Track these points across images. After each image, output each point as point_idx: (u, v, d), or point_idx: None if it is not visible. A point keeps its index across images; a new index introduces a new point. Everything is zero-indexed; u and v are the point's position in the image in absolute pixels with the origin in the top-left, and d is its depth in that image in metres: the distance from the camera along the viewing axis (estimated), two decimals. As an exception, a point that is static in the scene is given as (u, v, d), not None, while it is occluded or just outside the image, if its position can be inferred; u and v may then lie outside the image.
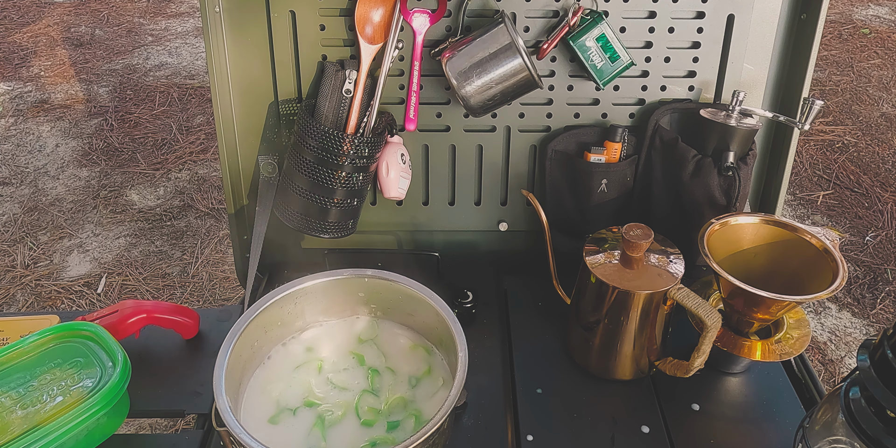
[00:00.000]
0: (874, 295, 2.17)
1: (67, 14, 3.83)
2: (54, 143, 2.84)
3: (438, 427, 0.73)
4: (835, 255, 0.85)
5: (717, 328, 0.81)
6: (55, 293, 2.18)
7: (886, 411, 0.65)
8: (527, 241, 1.15)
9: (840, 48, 3.45)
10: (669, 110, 1.03)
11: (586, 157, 1.04)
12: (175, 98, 3.12)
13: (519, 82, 0.95)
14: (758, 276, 0.88)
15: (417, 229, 1.15)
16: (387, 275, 0.90)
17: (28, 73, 3.31)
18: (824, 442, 0.73)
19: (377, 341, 0.94)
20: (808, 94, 1.02)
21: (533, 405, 0.90)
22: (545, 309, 1.05)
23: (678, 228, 1.00)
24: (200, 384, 0.92)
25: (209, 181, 2.65)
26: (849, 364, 1.97)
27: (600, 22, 0.97)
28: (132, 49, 3.51)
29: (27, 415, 0.78)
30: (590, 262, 0.87)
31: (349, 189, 1.00)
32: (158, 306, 0.97)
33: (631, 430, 0.87)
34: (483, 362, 0.95)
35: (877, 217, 2.46)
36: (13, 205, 2.53)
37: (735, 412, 0.90)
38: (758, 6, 1.01)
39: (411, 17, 0.99)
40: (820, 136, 2.87)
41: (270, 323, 0.89)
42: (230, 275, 2.23)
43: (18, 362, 0.84)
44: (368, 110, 1.00)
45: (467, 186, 1.12)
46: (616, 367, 0.92)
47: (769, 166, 1.10)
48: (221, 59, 1.01)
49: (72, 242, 2.37)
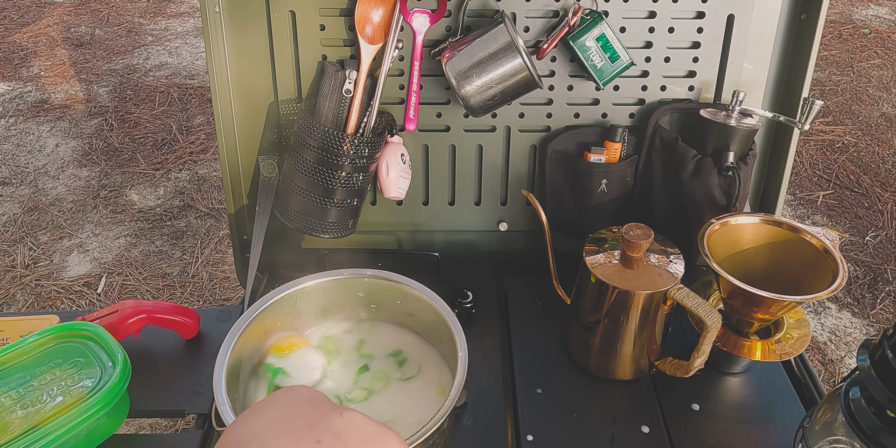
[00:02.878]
0: (874, 295, 2.17)
1: (67, 14, 3.83)
2: (54, 143, 2.84)
3: (438, 427, 0.73)
4: (835, 255, 0.85)
5: (717, 328, 0.81)
6: (55, 293, 2.18)
7: (886, 411, 0.65)
8: (527, 241, 1.15)
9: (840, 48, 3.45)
10: (669, 110, 1.03)
11: (586, 157, 1.04)
12: (175, 98, 3.12)
13: (519, 82, 0.95)
14: (758, 276, 0.88)
15: (417, 229, 1.15)
16: (387, 275, 0.90)
17: (28, 73, 3.31)
18: (824, 442, 0.73)
19: (377, 341, 0.94)
20: (808, 94, 1.02)
21: (533, 405, 0.90)
22: (545, 309, 1.05)
23: (678, 228, 1.01)
24: (200, 384, 0.92)
25: (209, 181, 2.65)
26: (849, 364, 1.97)
27: (600, 22, 0.97)
28: (132, 49, 3.51)
29: (27, 415, 0.78)
30: (590, 262, 0.87)
31: (349, 189, 1.01)
32: (158, 306, 0.97)
33: (631, 430, 0.87)
34: (483, 362, 0.95)
35: (877, 217, 2.46)
36: (13, 205, 2.53)
37: (735, 412, 0.90)
38: (758, 6, 1.01)
39: (411, 17, 0.99)
40: (820, 136, 2.87)
41: (270, 323, 0.89)
42: (230, 275, 2.23)
43: (18, 362, 0.84)
44: (368, 110, 1.00)
45: (467, 186, 1.12)
46: (616, 367, 0.92)
47: (769, 166, 1.10)
48: (221, 59, 1.01)
49: (72, 242, 2.37)
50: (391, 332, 0.95)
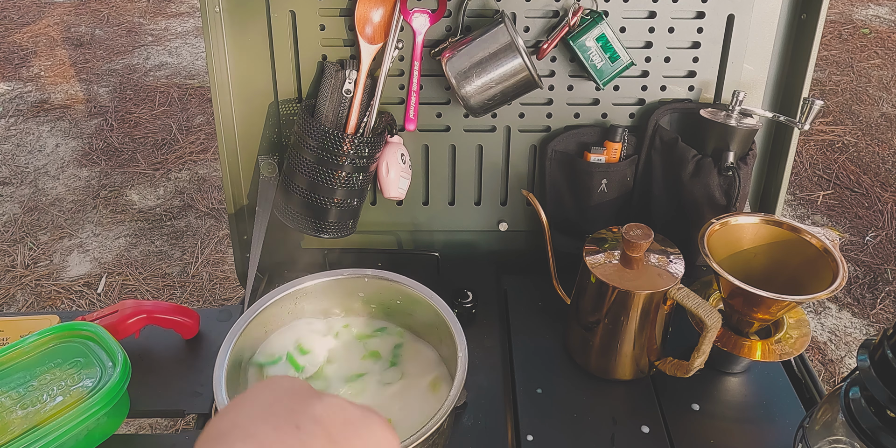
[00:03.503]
0: (874, 295, 2.17)
1: (67, 14, 3.83)
2: (54, 143, 2.84)
3: (438, 427, 0.73)
4: (835, 255, 0.85)
5: (717, 328, 0.81)
6: (55, 293, 2.18)
7: (886, 411, 0.65)
8: (527, 241, 1.15)
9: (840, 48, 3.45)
10: (669, 110, 1.03)
11: (586, 157, 1.04)
12: (175, 98, 3.12)
13: (519, 82, 0.95)
14: (758, 276, 0.88)
15: (417, 229, 1.15)
16: (387, 275, 0.90)
17: (28, 73, 3.31)
18: (824, 442, 0.73)
19: (377, 341, 0.94)
20: (808, 94, 1.02)
21: (533, 405, 0.90)
22: (545, 309, 1.05)
23: (678, 228, 1.00)
24: (200, 384, 0.92)
25: (209, 181, 2.65)
26: (849, 364, 1.97)
27: (600, 22, 0.97)
28: (132, 49, 3.51)
29: (27, 415, 0.78)
30: (590, 262, 0.87)
31: (349, 189, 1.01)
32: (158, 306, 0.97)
33: (631, 430, 0.87)
34: (483, 362, 0.95)
35: (877, 217, 2.46)
36: (13, 205, 2.53)
37: (735, 412, 0.90)
38: (758, 6, 1.01)
39: (411, 17, 0.99)
40: (820, 136, 2.87)
41: (270, 323, 0.89)
42: (230, 275, 2.23)
43: (18, 362, 0.84)
44: (368, 110, 1.00)
45: (467, 186, 1.12)
46: (616, 367, 0.92)
47: (769, 166, 1.10)
48: (221, 59, 1.01)
49: (72, 242, 2.37)
50: (391, 332, 0.95)
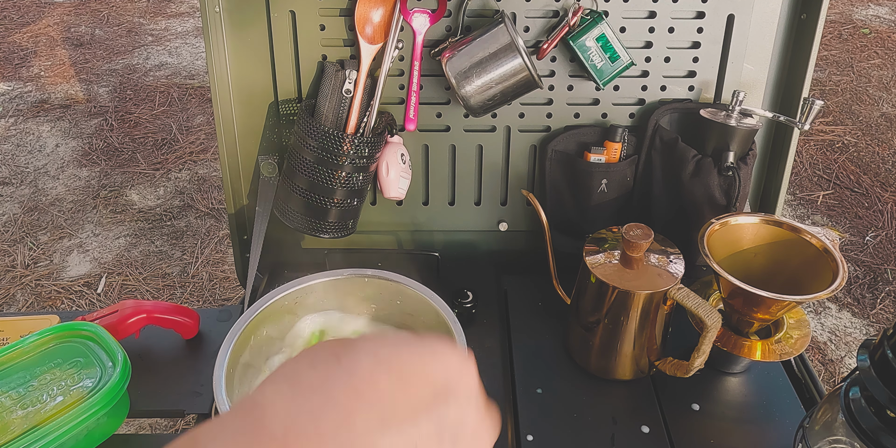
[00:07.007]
0: (874, 295, 2.17)
1: (67, 14, 3.83)
2: (54, 143, 2.84)
3: (438, 427, 0.73)
4: (835, 255, 0.85)
5: (717, 328, 0.81)
6: (55, 293, 2.18)
7: (886, 411, 0.65)
8: (527, 241, 1.15)
9: (840, 48, 3.45)
10: (669, 110, 1.03)
11: (586, 157, 1.04)
12: (175, 98, 3.12)
13: (519, 82, 0.95)
14: (758, 276, 0.88)
15: (417, 229, 1.15)
16: (387, 275, 0.90)
17: (28, 73, 3.31)
18: (824, 442, 0.73)
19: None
20: (808, 94, 1.02)
21: (533, 405, 0.90)
22: (545, 309, 1.05)
23: (678, 228, 1.00)
24: (200, 384, 0.92)
25: (209, 181, 2.65)
26: (849, 364, 1.97)
27: (600, 22, 0.97)
28: (132, 49, 3.51)
29: (27, 415, 0.78)
30: (590, 262, 0.87)
31: (349, 189, 1.00)
32: (158, 306, 0.97)
33: (631, 430, 0.87)
34: (483, 362, 0.94)
35: (877, 217, 2.46)
36: (13, 205, 2.53)
37: (735, 412, 0.90)
38: (758, 6, 1.00)
39: (411, 17, 0.99)
40: (820, 136, 2.87)
41: (270, 323, 0.89)
42: (230, 275, 2.23)
43: (18, 362, 0.84)
44: (368, 110, 1.00)
45: (467, 186, 1.12)
46: (616, 367, 0.92)
47: (769, 166, 1.10)
48: (221, 59, 1.01)
49: (72, 242, 2.37)
50: (391, 332, 0.95)
